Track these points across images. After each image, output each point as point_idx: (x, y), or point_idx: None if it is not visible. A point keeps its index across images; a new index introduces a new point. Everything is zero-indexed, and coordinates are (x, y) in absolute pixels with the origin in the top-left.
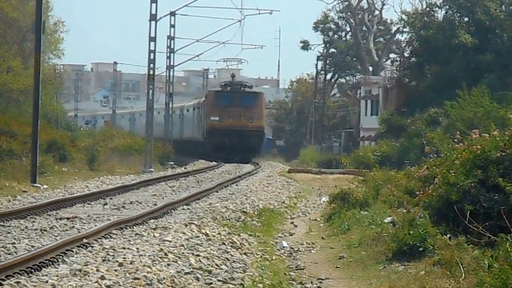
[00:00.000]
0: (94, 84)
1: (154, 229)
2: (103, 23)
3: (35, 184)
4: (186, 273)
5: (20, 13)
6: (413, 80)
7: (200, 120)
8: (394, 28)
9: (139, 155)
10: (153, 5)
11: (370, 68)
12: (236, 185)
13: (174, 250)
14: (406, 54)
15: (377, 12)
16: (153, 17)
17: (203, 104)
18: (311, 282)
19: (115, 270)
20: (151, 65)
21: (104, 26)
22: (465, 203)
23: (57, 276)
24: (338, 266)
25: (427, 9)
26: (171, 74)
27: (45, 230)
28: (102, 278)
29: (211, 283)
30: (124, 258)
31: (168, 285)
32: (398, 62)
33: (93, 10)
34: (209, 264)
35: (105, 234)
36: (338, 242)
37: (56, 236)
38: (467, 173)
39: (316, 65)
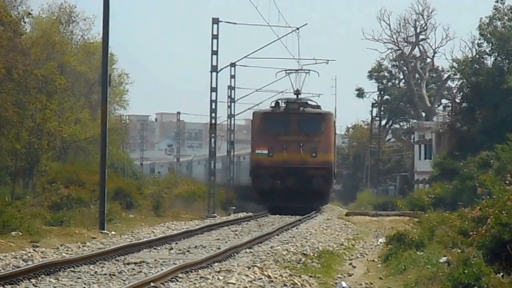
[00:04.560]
0: (159, 134)
1: (218, 272)
2: (167, 75)
3: (103, 231)
4: None
5: (86, 66)
6: (464, 124)
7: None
8: (445, 75)
9: (203, 201)
10: (214, 57)
11: (423, 114)
12: (296, 228)
13: None
14: (457, 100)
15: (429, 60)
16: (214, 69)
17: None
18: None
19: None
20: (213, 115)
21: (167, 77)
22: None
23: None
24: None
25: (477, 56)
26: (232, 122)
27: (114, 275)
28: None
29: None
30: None
31: None
32: (450, 108)
33: (156, 63)
34: None
35: (171, 278)
36: (396, 282)
37: (124, 281)
38: None
39: (371, 111)
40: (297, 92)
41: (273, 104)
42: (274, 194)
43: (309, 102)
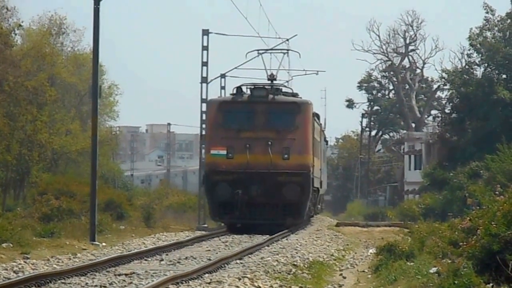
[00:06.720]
0: (149, 145)
1: (209, 283)
2: (157, 86)
3: (94, 242)
4: None
5: (77, 78)
6: (454, 135)
7: None
8: (435, 86)
9: (193, 212)
10: (204, 68)
11: (413, 124)
12: (286, 239)
13: None
14: (447, 110)
15: (418, 71)
16: (204, 80)
17: None
18: None
19: None
20: (203, 126)
21: (158, 89)
22: (507, 253)
23: None
24: None
25: (467, 67)
26: None
27: (105, 286)
28: None
29: None
30: None
31: None
32: (440, 118)
33: (146, 74)
34: None
35: None
36: None
37: None
38: (508, 224)
39: (361, 122)
40: (272, 77)
41: (234, 91)
42: (234, 207)
43: (283, 89)
